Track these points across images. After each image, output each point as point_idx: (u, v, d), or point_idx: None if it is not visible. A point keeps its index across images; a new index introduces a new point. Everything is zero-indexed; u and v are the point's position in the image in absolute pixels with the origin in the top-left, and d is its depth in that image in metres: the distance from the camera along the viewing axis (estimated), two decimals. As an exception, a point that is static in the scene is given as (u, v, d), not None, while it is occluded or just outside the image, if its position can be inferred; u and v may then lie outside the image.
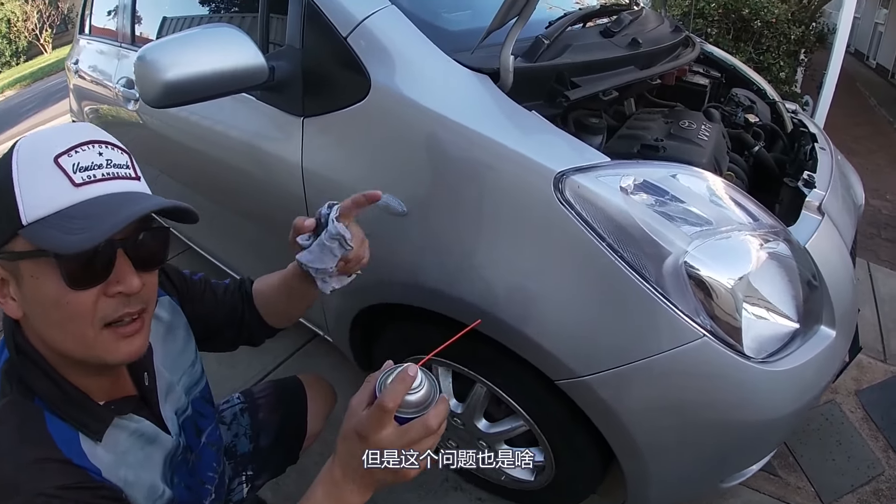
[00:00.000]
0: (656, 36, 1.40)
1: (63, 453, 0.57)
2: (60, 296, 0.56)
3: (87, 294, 0.57)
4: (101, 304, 0.58)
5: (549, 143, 0.94)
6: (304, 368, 1.93)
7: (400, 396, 0.54)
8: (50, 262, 0.55)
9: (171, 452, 0.75)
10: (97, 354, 0.60)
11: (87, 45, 2.49)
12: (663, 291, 0.84)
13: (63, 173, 0.55)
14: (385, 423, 0.55)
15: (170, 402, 0.79)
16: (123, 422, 0.67)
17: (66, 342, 0.59)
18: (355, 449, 0.57)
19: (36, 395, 0.60)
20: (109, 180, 0.58)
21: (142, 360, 0.72)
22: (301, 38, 1.14)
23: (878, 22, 9.96)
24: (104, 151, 0.58)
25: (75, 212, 0.54)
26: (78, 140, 0.57)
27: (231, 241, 1.84)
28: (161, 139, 1.77)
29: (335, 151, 1.13)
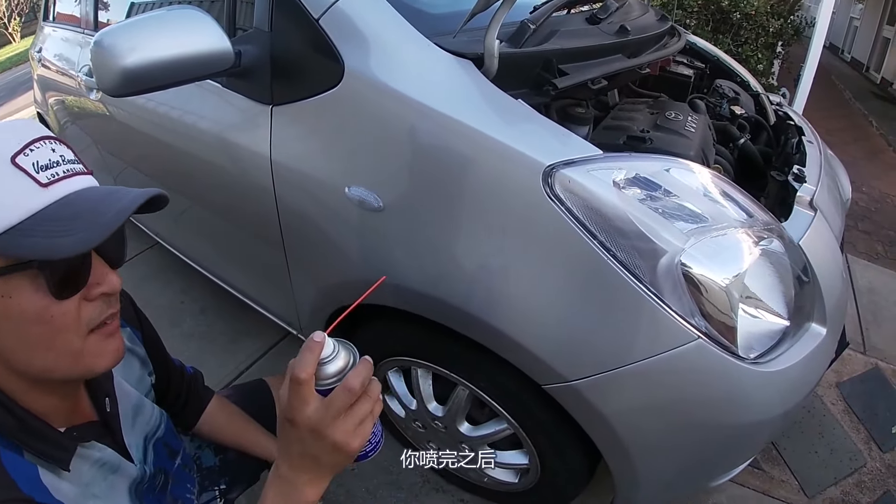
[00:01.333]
0: (643, 24, 1.37)
1: (23, 492, 0.52)
2: (43, 309, 0.51)
3: (71, 303, 0.53)
4: (83, 311, 0.54)
5: (537, 135, 0.89)
6: (278, 367, 1.89)
7: (310, 365, 0.52)
8: (27, 276, 0.50)
9: (136, 481, 0.70)
10: (86, 364, 0.56)
11: (52, 33, 2.40)
12: (657, 292, 0.80)
13: (25, 174, 0.50)
14: (306, 398, 0.52)
15: (139, 425, 0.74)
16: (86, 451, 0.62)
17: (50, 360, 0.54)
18: (290, 435, 0.55)
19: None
20: (71, 177, 0.53)
21: (101, 383, 0.69)
22: (269, 21, 1.07)
23: (853, 17, 10.14)
24: (56, 147, 0.54)
25: (53, 213, 0.50)
26: (28, 137, 0.52)
27: (199, 235, 1.78)
28: (126, 130, 1.70)
29: (306, 142, 1.06)
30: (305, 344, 0.53)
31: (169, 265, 2.34)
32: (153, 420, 0.79)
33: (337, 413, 0.53)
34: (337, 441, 0.54)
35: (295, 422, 0.53)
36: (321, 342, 0.53)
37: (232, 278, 1.72)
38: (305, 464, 0.55)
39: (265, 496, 0.57)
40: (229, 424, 0.97)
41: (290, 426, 0.54)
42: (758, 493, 1.51)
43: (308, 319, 1.36)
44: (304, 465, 0.56)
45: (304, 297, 1.30)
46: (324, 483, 0.57)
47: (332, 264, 1.14)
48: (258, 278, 1.55)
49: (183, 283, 2.29)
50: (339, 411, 0.53)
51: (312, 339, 0.53)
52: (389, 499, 1.45)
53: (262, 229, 1.25)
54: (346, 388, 0.52)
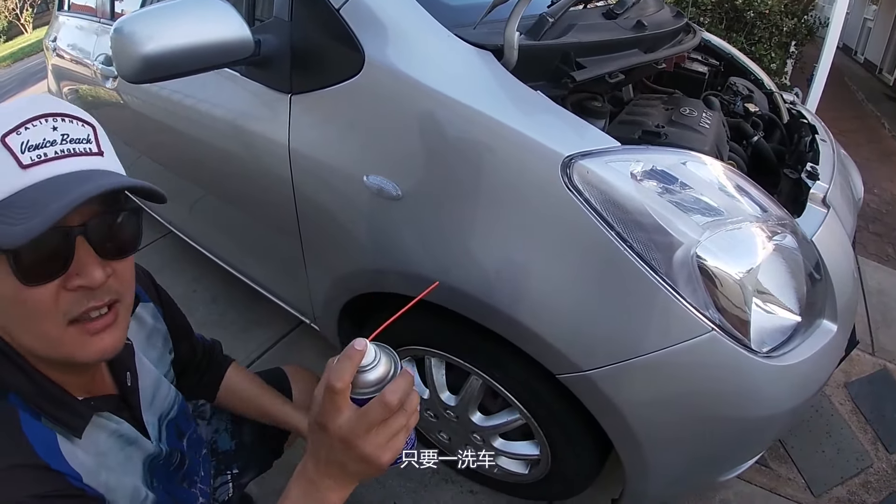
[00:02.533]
0: (659, 20, 1.36)
1: (40, 457, 0.52)
2: (16, 293, 0.50)
3: (45, 290, 0.51)
4: (62, 300, 0.52)
5: (556, 126, 0.89)
6: (290, 356, 1.90)
7: (348, 373, 0.49)
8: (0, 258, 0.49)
9: (152, 456, 0.70)
10: (65, 353, 0.55)
11: (66, 22, 2.41)
12: (673, 283, 0.81)
13: (10, 154, 0.49)
14: (340, 407, 0.50)
15: (156, 405, 0.75)
16: (103, 420, 0.63)
17: (30, 340, 0.54)
18: (320, 440, 0.53)
19: (10, 391, 0.55)
20: (63, 158, 0.51)
21: (123, 358, 0.68)
22: (290, 10, 1.08)
23: (867, 17, 10.06)
24: (59, 125, 0.52)
25: (16, 200, 0.48)
26: (29, 115, 0.50)
27: (214, 225, 1.78)
28: (141, 118, 1.71)
29: (325, 130, 1.07)
30: (346, 350, 0.50)
31: (181, 254, 2.35)
32: (168, 400, 0.79)
33: (370, 426, 0.50)
34: (367, 454, 0.52)
35: (326, 428, 0.51)
36: (362, 350, 0.50)
37: (245, 267, 1.73)
38: (332, 469, 0.54)
39: (289, 492, 0.56)
40: (246, 391, 0.97)
41: (320, 431, 0.52)
42: (765, 490, 1.52)
43: (322, 309, 1.36)
44: (330, 471, 0.54)
45: (319, 286, 1.31)
46: (349, 489, 0.56)
47: (349, 253, 1.14)
48: (272, 267, 1.56)
49: (195, 271, 2.30)
50: (373, 424, 0.50)
51: (353, 346, 0.50)
52: (399, 489, 1.46)
53: (278, 218, 1.26)
54: (383, 403, 0.50)
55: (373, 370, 0.52)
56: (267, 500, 1.41)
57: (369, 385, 0.51)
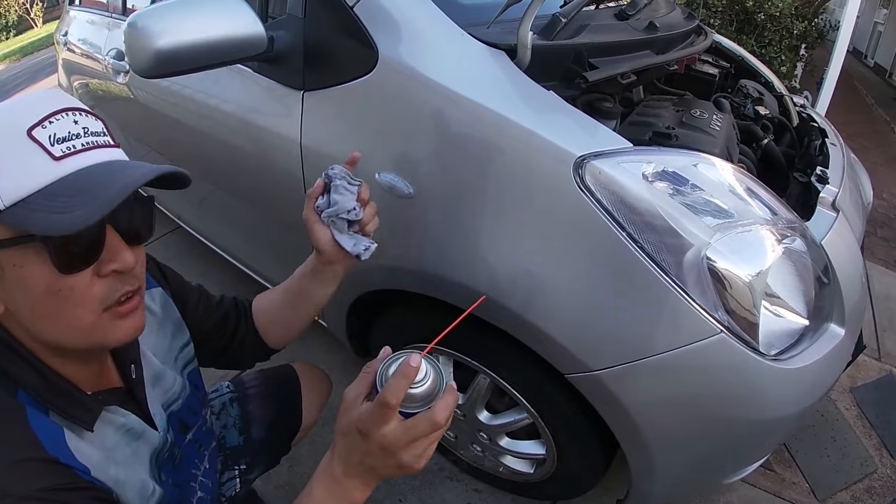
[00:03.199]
0: (671, 21, 1.36)
1: (48, 452, 0.53)
2: (51, 283, 0.52)
3: (81, 277, 0.53)
4: (95, 286, 0.54)
5: (569, 126, 0.89)
6: (297, 353, 1.90)
7: (403, 391, 0.51)
8: (36, 248, 0.50)
9: (158, 448, 0.71)
10: (97, 339, 0.56)
11: (77, 16, 2.42)
12: (682, 285, 0.81)
13: (40, 147, 0.50)
14: (388, 419, 0.52)
15: (158, 393, 0.75)
16: (110, 415, 0.63)
17: (61, 332, 0.55)
18: (356, 445, 0.55)
19: (20, 387, 0.55)
20: (90, 150, 0.53)
21: (127, 351, 0.69)
22: (304, 7, 1.08)
23: (877, 21, 10.00)
24: (79, 119, 0.53)
25: (59, 188, 0.50)
26: (50, 109, 0.51)
27: (224, 220, 1.79)
28: (152, 114, 1.71)
29: (337, 128, 1.08)
30: (401, 367, 0.52)
31: (189, 249, 2.36)
32: (173, 391, 0.79)
33: (413, 439, 0.53)
34: (405, 462, 0.54)
35: (369, 437, 0.53)
36: (417, 368, 0.52)
37: (253, 263, 1.74)
38: (362, 471, 0.56)
39: (312, 491, 0.58)
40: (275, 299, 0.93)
41: (360, 438, 0.54)
42: (769, 494, 1.52)
43: (330, 305, 1.36)
44: (360, 473, 0.56)
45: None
46: (372, 488, 0.58)
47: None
48: (281, 263, 1.56)
49: (203, 266, 2.31)
50: (418, 437, 0.53)
51: (409, 363, 0.52)
52: (403, 486, 1.47)
53: (288, 214, 1.26)
54: (432, 421, 0.52)
55: (422, 386, 0.53)
56: (272, 496, 1.42)
57: (417, 400, 0.53)
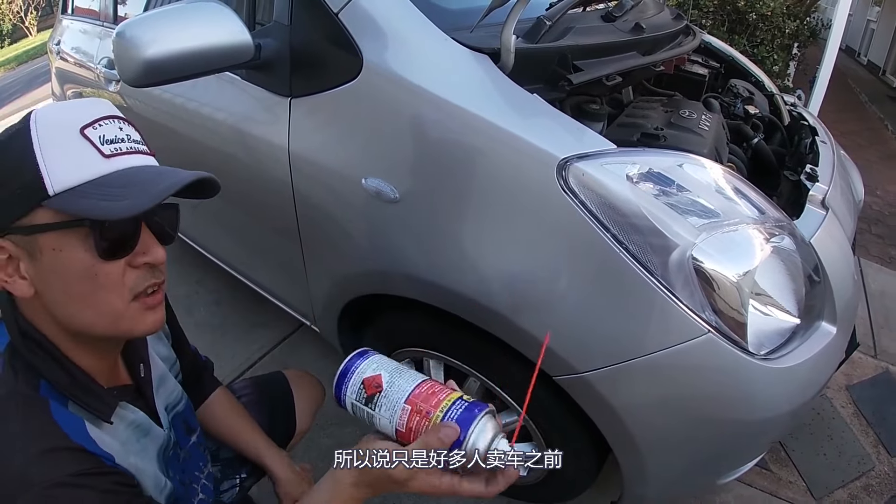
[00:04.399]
0: (658, 22, 1.37)
1: (74, 441, 0.56)
2: (89, 267, 0.56)
3: (116, 265, 0.57)
4: (127, 276, 0.58)
5: (552, 129, 0.90)
6: (290, 358, 1.91)
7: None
8: (78, 234, 0.55)
9: (164, 446, 0.73)
10: (125, 327, 0.61)
11: (70, 26, 2.43)
12: (669, 285, 0.81)
13: (91, 144, 0.55)
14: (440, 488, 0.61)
15: (162, 395, 0.78)
16: (122, 411, 0.66)
17: (90, 316, 0.58)
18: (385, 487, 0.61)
19: (42, 379, 0.59)
20: (133, 154, 0.58)
21: (137, 349, 0.73)
22: (289, 14, 1.08)
23: (870, 19, 10.04)
24: (123, 127, 0.59)
25: (111, 181, 0.55)
26: (101, 114, 0.57)
27: (216, 227, 1.79)
28: (143, 122, 1.70)
29: (324, 133, 1.08)
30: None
31: (184, 255, 2.36)
32: (174, 394, 0.81)
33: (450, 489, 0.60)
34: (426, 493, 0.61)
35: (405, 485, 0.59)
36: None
37: (247, 269, 1.74)
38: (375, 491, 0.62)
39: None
40: (225, 419, 0.97)
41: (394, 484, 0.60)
42: (765, 493, 1.51)
43: (322, 311, 1.37)
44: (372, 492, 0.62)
45: (319, 288, 1.32)
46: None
47: (347, 255, 1.15)
48: (273, 269, 1.57)
49: (198, 273, 2.31)
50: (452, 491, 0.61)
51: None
52: (399, 491, 1.46)
53: (279, 220, 1.27)
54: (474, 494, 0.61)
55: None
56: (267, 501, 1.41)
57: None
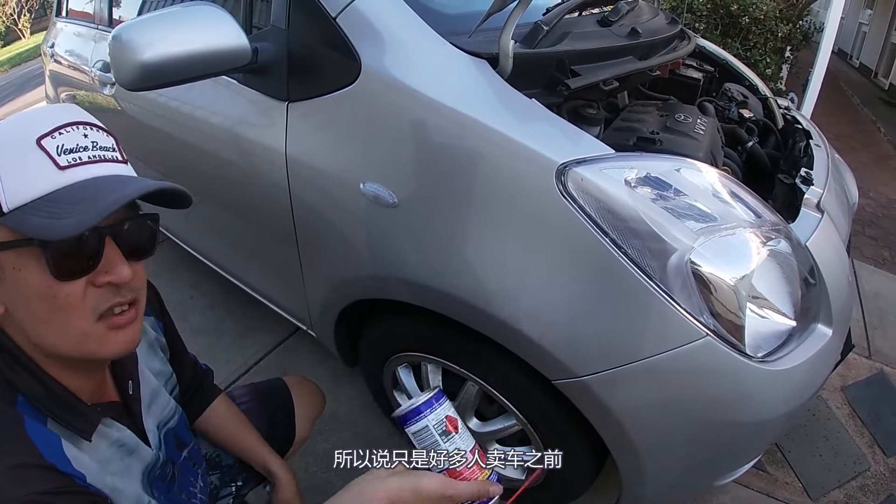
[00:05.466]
0: (654, 27, 1.37)
1: (45, 458, 0.54)
2: (47, 287, 0.53)
3: (75, 285, 0.54)
4: (89, 296, 0.55)
5: (551, 133, 0.90)
6: (287, 363, 1.90)
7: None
8: (34, 252, 0.52)
9: (150, 465, 0.71)
10: (89, 349, 0.57)
11: (64, 28, 2.42)
12: (667, 289, 0.81)
13: (46, 156, 0.52)
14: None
15: (154, 412, 0.76)
16: (106, 428, 0.64)
17: (54, 337, 0.56)
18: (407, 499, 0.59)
19: (20, 394, 0.56)
20: (96, 163, 0.55)
21: (126, 366, 0.71)
22: (287, 18, 1.08)
23: (862, 22, 10.13)
24: (90, 133, 0.55)
25: (61, 196, 0.52)
26: (62, 121, 0.54)
27: (210, 231, 1.79)
28: (138, 125, 1.71)
29: (321, 138, 1.08)
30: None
31: (179, 260, 2.35)
32: (168, 410, 0.80)
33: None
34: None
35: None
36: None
37: (242, 273, 1.73)
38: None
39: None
40: (228, 426, 0.97)
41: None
42: (762, 494, 1.52)
43: (318, 315, 1.37)
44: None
45: (316, 292, 1.31)
46: None
47: (345, 260, 1.15)
48: (269, 274, 1.56)
49: (192, 278, 2.30)
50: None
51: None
52: (397, 494, 1.45)
53: (275, 225, 1.26)
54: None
55: None
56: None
57: None
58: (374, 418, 1.59)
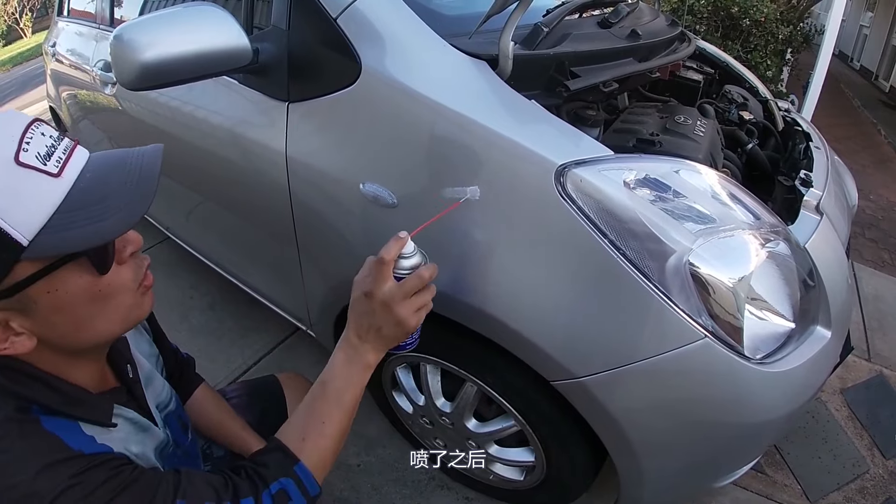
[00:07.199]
0: (654, 29, 1.37)
1: (72, 448, 0.55)
2: (92, 287, 0.55)
3: (114, 271, 0.57)
4: (124, 273, 0.58)
5: (550, 135, 0.90)
6: (286, 363, 1.90)
7: (395, 251, 0.66)
8: (69, 266, 0.52)
9: (161, 444, 0.72)
10: (135, 316, 0.61)
11: (66, 28, 2.43)
12: (666, 290, 0.81)
13: (36, 171, 0.49)
14: (386, 277, 0.66)
15: (152, 394, 0.77)
16: (119, 410, 0.66)
17: (102, 327, 0.58)
18: (364, 308, 0.68)
19: (34, 404, 0.56)
20: (71, 155, 0.54)
21: (121, 351, 0.72)
22: (287, 19, 1.08)
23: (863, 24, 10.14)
24: (44, 129, 0.53)
25: (79, 199, 0.51)
26: (17, 131, 0.50)
27: (210, 231, 1.79)
28: (140, 125, 1.72)
29: (321, 138, 1.08)
30: (392, 238, 0.67)
31: (179, 260, 2.35)
32: (164, 393, 0.80)
33: (406, 294, 0.67)
34: (401, 317, 0.68)
35: (372, 295, 0.66)
36: (405, 239, 0.68)
37: (242, 273, 1.73)
38: (370, 334, 0.69)
39: (334, 358, 0.70)
40: (212, 413, 0.97)
41: (365, 299, 0.67)
42: (761, 496, 1.52)
43: (318, 315, 1.37)
44: (368, 335, 0.69)
45: (315, 292, 1.31)
46: (382, 352, 0.71)
47: (345, 260, 1.15)
48: (269, 274, 1.56)
49: (192, 278, 2.31)
50: (408, 293, 0.67)
51: (398, 235, 0.67)
52: (395, 495, 1.46)
53: (275, 225, 1.26)
54: (419, 276, 0.68)
55: (410, 258, 0.71)
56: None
57: (406, 269, 0.70)
58: (374, 418, 1.59)
